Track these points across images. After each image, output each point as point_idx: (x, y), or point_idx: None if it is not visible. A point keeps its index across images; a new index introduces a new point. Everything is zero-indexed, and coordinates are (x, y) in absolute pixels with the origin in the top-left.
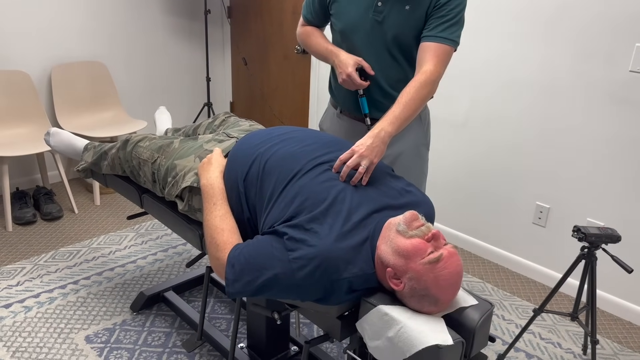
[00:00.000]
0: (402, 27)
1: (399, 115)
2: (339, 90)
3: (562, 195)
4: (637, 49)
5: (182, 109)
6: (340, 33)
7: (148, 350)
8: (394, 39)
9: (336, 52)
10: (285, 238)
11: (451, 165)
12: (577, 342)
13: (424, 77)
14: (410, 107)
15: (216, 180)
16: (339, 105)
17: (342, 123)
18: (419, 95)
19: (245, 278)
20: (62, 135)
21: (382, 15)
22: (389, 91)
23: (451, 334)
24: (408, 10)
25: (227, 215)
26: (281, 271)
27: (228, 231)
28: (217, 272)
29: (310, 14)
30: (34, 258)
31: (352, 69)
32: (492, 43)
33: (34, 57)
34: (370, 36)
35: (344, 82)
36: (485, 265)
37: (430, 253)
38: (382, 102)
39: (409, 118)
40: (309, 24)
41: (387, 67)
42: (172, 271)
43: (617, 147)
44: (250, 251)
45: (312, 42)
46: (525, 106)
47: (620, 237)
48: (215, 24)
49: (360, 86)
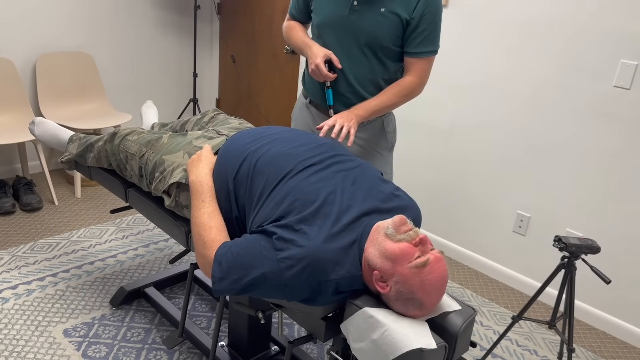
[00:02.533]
0: (375, 28)
1: (373, 106)
2: (309, 81)
3: (543, 205)
4: (622, 65)
5: (168, 104)
6: (317, 27)
7: (127, 346)
8: (367, 38)
9: (310, 44)
10: (274, 237)
11: (434, 172)
12: (553, 349)
13: (407, 84)
14: (386, 103)
15: (205, 177)
16: (308, 96)
17: (309, 113)
18: (397, 96)
19: (232, 276)
20: (47, 125)
21: (357, 15)
22: (356, 88)
23: (434, 338)
24: (383, 13)
25: (215, 213)
26: (269, 270)
27: (216, 229)
28: (203, 269)
29: (295, 10)
30: (12, 249)
31: (320, 60)
32: (479, 53)
33: (19, 45)
34: (344, 33)
35: (312, 72)
36: (465, 271)
37: (417, 257)
38: (348, 97)
39: (379, 111)
40: (293, 20)
41: (357, 65)
42: (153, 267)
43: (597, 160)
44: (238, 249)
45: (293, 35)
46: (510, 116)
47: (600, 248)
48: (205, 19)
49: (327, 78)
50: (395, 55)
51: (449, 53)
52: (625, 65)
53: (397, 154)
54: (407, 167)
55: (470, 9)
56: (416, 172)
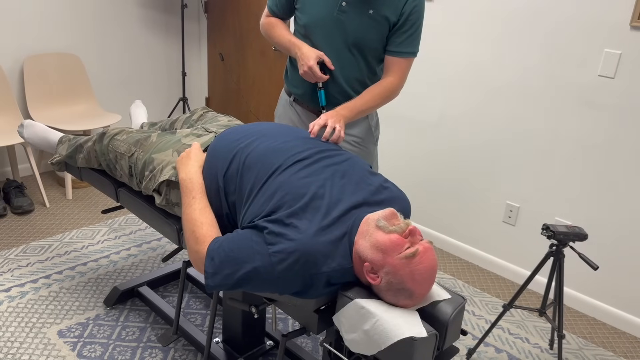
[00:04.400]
0: (363, 30)
1: (358, 106)
2: (295, 78)
3: (532, 194)
4: (606, 54)
5: (157, 103)
6: (304, 27)
7: (122, 345)
8: (355, 39)
9: (299, 45)
10: (265, 232)
11: (424, 164)
12: (544, 337)
13: (388, 85)
14: (370, 104)
15: (195, 174)
16: (293, 94)
17: (294, 111)
18: (380, 97)
19: (224, 271)
20: (36, 127)
21: (346, 16)
22: (346, 88)
23: (425, 327)
24: (371, 14)
25: (206, 209)
26: (261, 264)
27: (207, 224)
28: (195, 265)
29: (276, 6)
30: (4, 252)
31: (313, 62)
32: (465, 45)
33: (6, 47)
34: (333, 34)
35: (305, 74)
36: (456, 262)
37: (407, 248)
38: (338, 98)
39: (364, 112)
40: (273, 16)
41: (346, 65)
42: (146, 266)
43: (584, 149)
44: (230, 244)
45: (276, 33)
46: (498, 107)
47: (587, 235)
48: (192, 18)
49: (320, 79)
50: (380, 56)
51: (434, 45)
52: (609, 55)
53: (385, 147)
54: (395, 160)
55: (454, 2)
56: (405, 165)
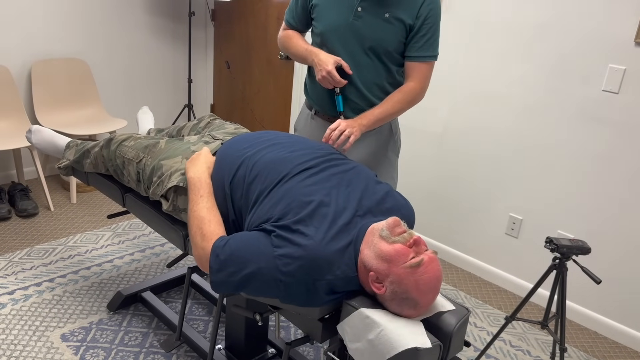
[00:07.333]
0: (380, 33)
1: (377, 114)
2: (314, 91)
3: (535, 207)
4: (610, 70)
5: (163, 109)
6: (320, 35)
7: (125, 350)
8: (372, 43)
9: (316, 52)
10: (272, 235)
11: (428, 175)
12: (546, 350)
13: (409, 91)
14: (389, 111)
15: (203, 174)
16: (313, 106)
17: (316, 124)
18: (400, 103)
19: (228, 269)
20: (44, 132)
21: (362, 20)
22: (365, 93)
23: (429, 338)
24: (387, 18)
25: (213, 208)
26: (265, 265)
27: (215, 222)
28: (200, 262)
29: (293, 19)
30: (8, 255)
31: (332, 67)
32: (472, 58)
33: (15, 51)
34: (349, 39)
35: (323, 79)
36: (459, 273)
37: (412, 258)
38: (357, 102)
39: (384, 119)
40: (291, 28)
41: (363, 70)
42: (150, 272)
43: (587, 163)
44: (236, 243)
45: (293, 44)
46: (502, 120)
47: (590, 249)
48: (199, 26)
49: (338, 84)
50: (398, 60)
51: (439, 57)
52: (613, 70)
53: None
54: (401, 171)
55: (460, 15)
56: (410, 176)
